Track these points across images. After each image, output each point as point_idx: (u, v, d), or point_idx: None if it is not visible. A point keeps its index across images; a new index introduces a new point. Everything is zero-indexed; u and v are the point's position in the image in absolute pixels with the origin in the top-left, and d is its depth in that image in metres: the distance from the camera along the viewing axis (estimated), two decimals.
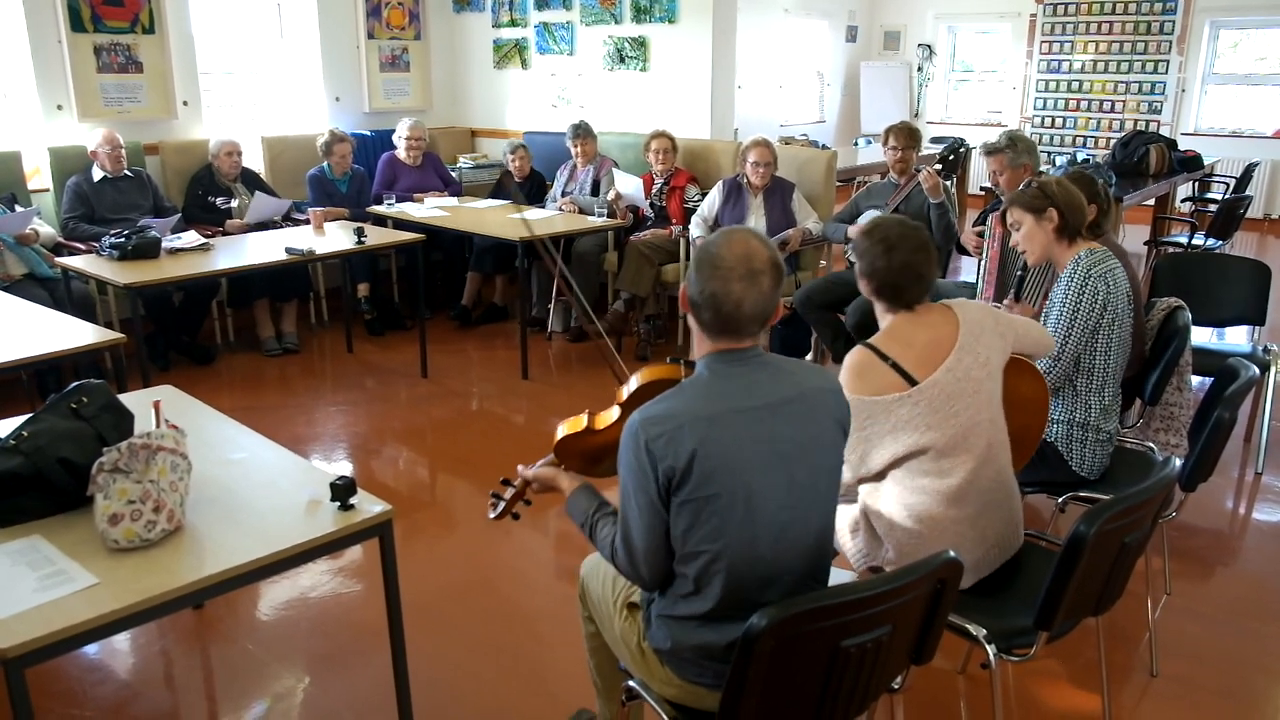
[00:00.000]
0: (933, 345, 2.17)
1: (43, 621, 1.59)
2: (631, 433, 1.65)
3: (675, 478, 1.62)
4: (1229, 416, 2.48)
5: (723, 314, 1.67)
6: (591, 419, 2.03)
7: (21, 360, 2.96)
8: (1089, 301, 2.72)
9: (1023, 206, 2.85)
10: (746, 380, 1.70)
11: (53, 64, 5.37)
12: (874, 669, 1.69)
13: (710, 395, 1.68)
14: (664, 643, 1.80)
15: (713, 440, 1.62)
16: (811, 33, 11.19)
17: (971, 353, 2.17)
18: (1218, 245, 6.53)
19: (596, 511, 1.90)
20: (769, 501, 1.67)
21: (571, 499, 1.96)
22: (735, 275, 1.65)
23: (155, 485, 1.84)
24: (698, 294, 1.69)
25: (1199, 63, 9.88)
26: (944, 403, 2.12)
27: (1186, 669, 2.76)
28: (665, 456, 1.62)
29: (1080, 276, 2.75)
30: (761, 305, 1.68)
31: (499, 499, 2.14)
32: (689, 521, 1.66)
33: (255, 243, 4.90)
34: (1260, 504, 3.88)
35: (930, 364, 2.15)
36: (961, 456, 2.15)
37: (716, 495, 1.63)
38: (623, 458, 1.69)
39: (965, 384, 2.14)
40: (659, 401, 1.67)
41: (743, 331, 1.70)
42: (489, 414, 4.85)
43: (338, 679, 2.71)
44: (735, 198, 5.29)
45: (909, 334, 2.20)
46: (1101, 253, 2.80)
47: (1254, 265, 4.25)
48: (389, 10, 6.92)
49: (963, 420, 2.14)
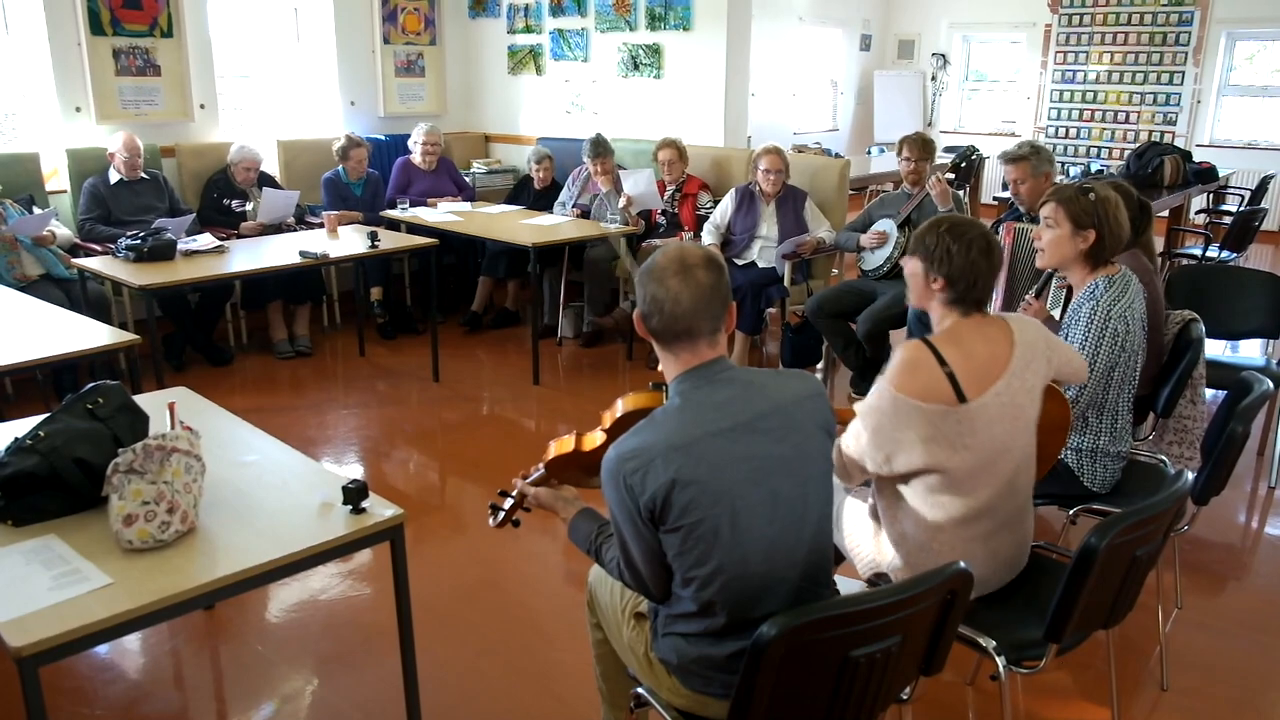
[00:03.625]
0: (989, 362, 2.07)
1: (57, 620, 1.61)
2: (609, 469, 1.67)
3: (656, 509, 1.63)
4: (1242, 430, 2.47)
5: (666, 313, 1.68)
6: (579, 440, 2.05)
7: (38, 360, 2.99)
8: (1109, 344, 2.65)
9: (1068, 214, 2.69)
10: (717, 400, 1.69)
11: (72, 66, 5.41)
12: (883, 679, 1.68)
13: (682, 422, 1.67)
14: (670, 656, 1.81)
15: (689, 468, 1.62)
16: (825, 41, 11.19)
17: (1021, 378, 2.08)
18: (1232, 257, 6.49)
19: (598, 535, 1.91)
20: (755, 519, 1.67)
21: (573, 526, 1.98)
22: (669, 273, 1.69)
23: (169, 486, 1.85)
24: (643, 303, 1.73)
25: (1215, 74, 9.84)
26: (985, 426, 2.04)
27: (1197, 683, 2.74)
28: (643, 490, 1.62)
29: (1100, 319, 2.65)
30: (703, 298, 1.68)
31: (498, 509, 2.16)
32: (677, 548, 1.66)
33: (270, 246, 4.93)
34: (1273, 518, 3.86)
35: (983, 382, 2.04)
36: (987, 479, 2.09)
37: (700, 521, 1.63)
38: (606, 492, 1.71)
39: (1010, 410, 2.07)
40: (633, 434, 1.68)
41: (694, 332, 1.70)
42: (500, 418, 4.86)
43: (347, 680, 2.72)
44: (747, 205, 5.30)
45: (970, 343, 2.08)
46: (1121, 281, 2.71)
47: (1269, 278, 4.22)
48: (404, 16, 6.96)
49: (997, 446, 2.07)
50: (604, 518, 1.93)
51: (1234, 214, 7.08)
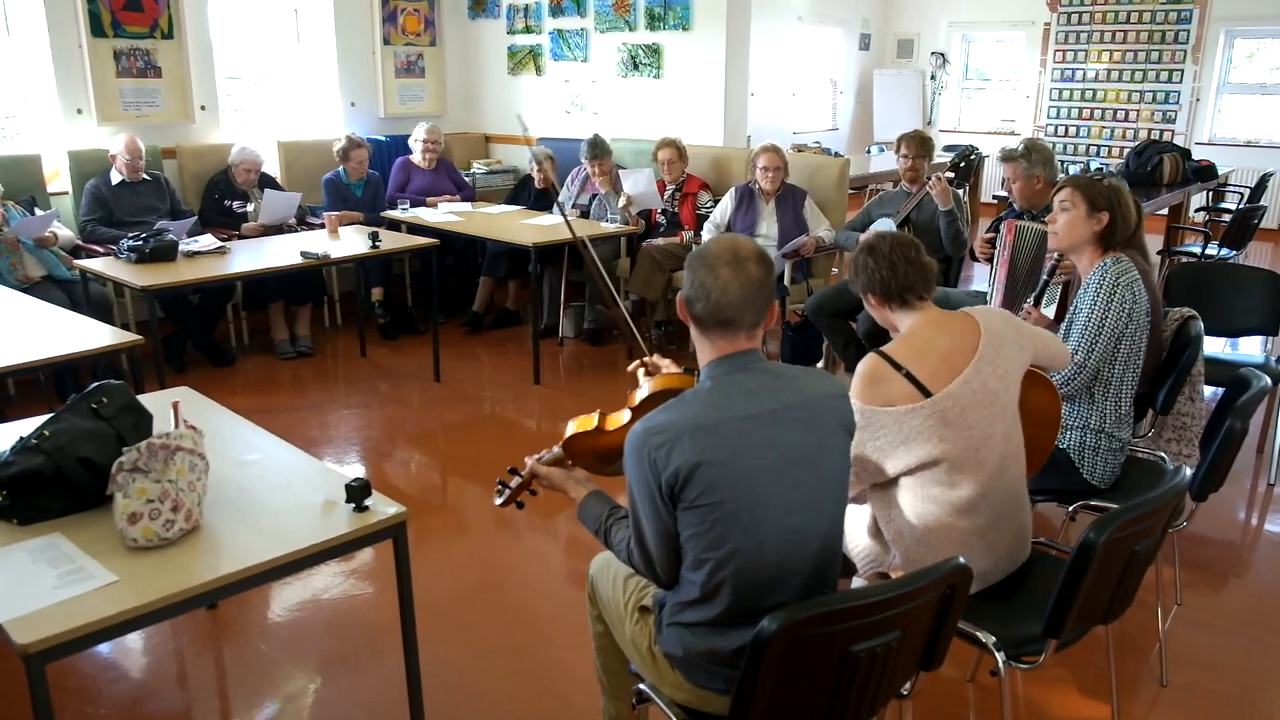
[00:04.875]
0: (952, 354, 2.13)
1: (63, 618, 1.62)
2: (634, 442, 1.69)
3: (677, 485, 1.65)
4: (1241, 427, 2.48)
5: (712, 300, 1.71)
6: (603, 419, 2.04)
7: (40, 361, 3.00)
8: (1116, 310, 2.71)
9: (1084, 195, 2.80)
10: (748, 387, 1.72)
11: (73, 68, 5.42)
12: (883, 674, 1.69)
13: (712, 404, 1.70)
14: (675, 649, 1.82)
15: (714, 449, 1.64)
16: (825, 40, 11.20)
17: (991, 364, 2.13)
18: (1231, 255, 6.50)
19: (609, 517, 1.92)
20: (773, 508, 1.69)
21: (583, 506, 1.98)
22: (721, 262, 1.72)
23: (174, 485, 1.86)
24: (690, 288, 1.76)
25: (1214, 72, 9.85)
26: (958, 415, 2.09)
27: (1196, 679, 2.75)
28: (666, 465, 1.64)
29: (1109, 286, 2.73)
30: (750, 292, 1.71)
31: (505, 486, 2.15)
32: (694, 528, 1.68)
33: (271, 246, 4.94)
34: (1272, 515, 3.87)
35: (947, 374, 2.10)
36: (974, 469, 2.13)
37: (719, 503, 1.65)
38: (628, 465, 1.72)
39: (982, 396, 2.11)
40: (662, 411, 1.70)
41: (736, 323, 1.73)
42: (501, 418, 4.87)
43: (350, 679, 2.73)
44: (747, 204, 5.31)
45: (927, 341, 2.16)
46: (1126, 263, 2.79)
47: (1268, 275, 4.23)
48: (404, 16, 6.97)
49: (977, 433, 2.11)
50: (615, 501, 1.94)
51: (1233, 212, 7.09)
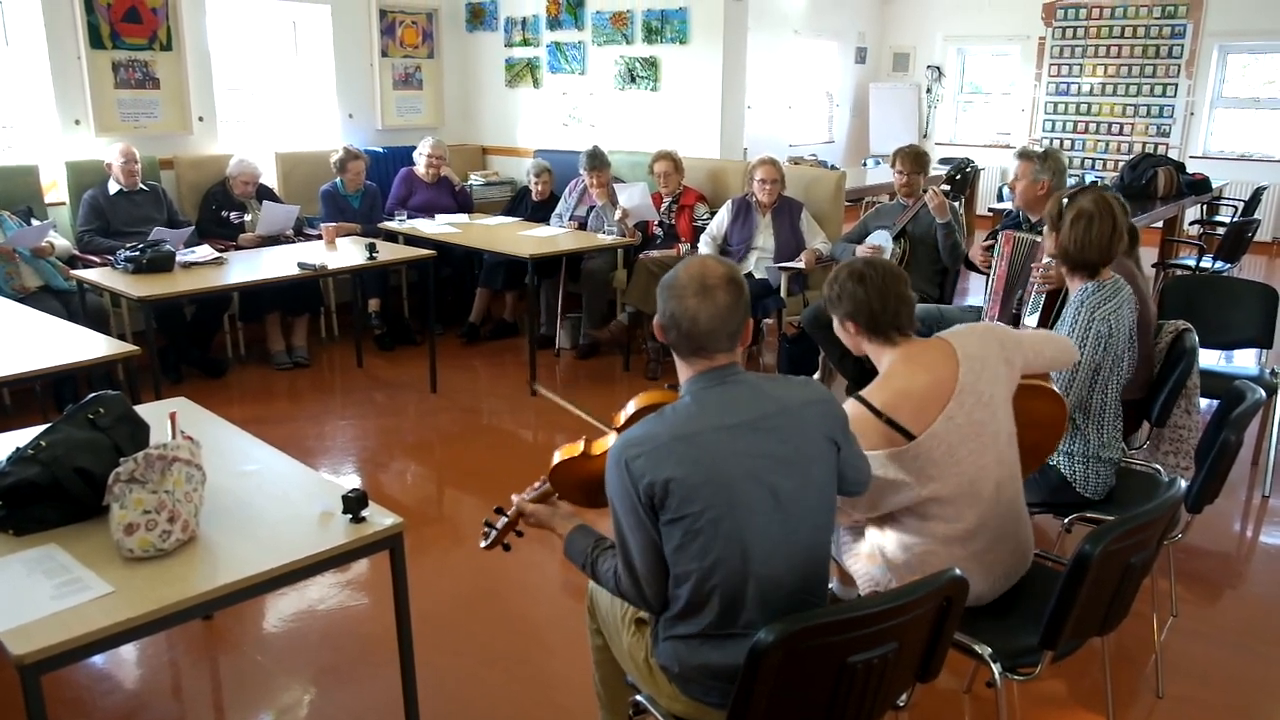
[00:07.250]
0: (932, 389, 2.06)
1: (59, 628, 1.62)
2: (614, 455, 1.71)
3: (656, 496, 1.66)
4: (1235, 439, 2.49)
5: (683, 330, 1.75)
6: (589, 444, 2.04)
7: (37, 371, 3.00)
8: (1092, 343, 2.70)
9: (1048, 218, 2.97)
10: (726, 399, 1.75)
11: (71, 80, 5.44)
12: (879, 686, 1.70)
13: (689, 415, 1.73)
14: (670, 663, 1.82)
15: (692, 458, 1.66)
16: (821, 54, 11.25)
17: (973, 393, 2.07)
18: (1226, 268, 6.53)
19: (594, 549, 1.91)
20: (754, 515, 1.70)
21: (569, 541, 1.97)
22: (689, 292, 1.74)
23: (170, 496, 1.86)
24: (662, 317, 1.79)
25: (1208, 86, 9.90)
26: (945, 454, 2.04)
27: (1192, 691, 2.75)
28: (644, 475, 1.66)
29: (1085, 319, 2.72)
30: (720, 318, 1.73)
31: (491, 528, 2.14)
32: (678, 540, 1.69)
33: (268, 257, 4.94)
34: (1267, 527, 3.87)
35: (929, 411, 2.04)
36: (970, 502, 2.10)
37: (700, 512, 1.66)
38: (609, 479, 1.74)
39: (968, 429, 2.06)
40: (641, 425, 1.73)
41: (711, 347, 1.76)
42: (497, 429, 4.87)
43: (345, 690, 2.73)
44: (744, 216, 5.32)
45: (907, 380, 2.09)
46: (1110, 289, 2.76)
47: (1262, 288, 4.25)
48: (403, 29, 6.99)
49: (968, 467, 2.07)
50: (600, 534, 1.94)
51: (1227, 225, 7.12)
